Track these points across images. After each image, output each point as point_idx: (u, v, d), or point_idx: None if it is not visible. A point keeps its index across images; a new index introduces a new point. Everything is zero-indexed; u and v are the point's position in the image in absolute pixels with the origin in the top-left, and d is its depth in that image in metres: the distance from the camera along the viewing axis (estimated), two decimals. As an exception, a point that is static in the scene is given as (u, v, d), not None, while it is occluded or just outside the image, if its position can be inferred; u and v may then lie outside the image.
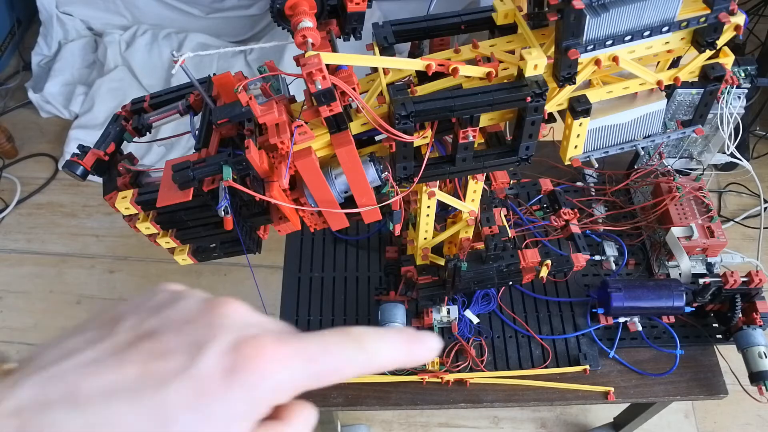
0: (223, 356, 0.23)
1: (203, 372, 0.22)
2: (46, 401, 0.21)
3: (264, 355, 0.23)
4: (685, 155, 1.05)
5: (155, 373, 0.22)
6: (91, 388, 0.22)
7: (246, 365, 0.23)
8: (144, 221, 0.60)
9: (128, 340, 0.23)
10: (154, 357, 0.23)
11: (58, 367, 0.22)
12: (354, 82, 0.52)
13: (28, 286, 1.68)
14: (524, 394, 0.88)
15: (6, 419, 0.21)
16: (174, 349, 0.23)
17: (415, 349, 0.27)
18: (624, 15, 0.50)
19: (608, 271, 0.98)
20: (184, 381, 0.22)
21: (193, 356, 0.23)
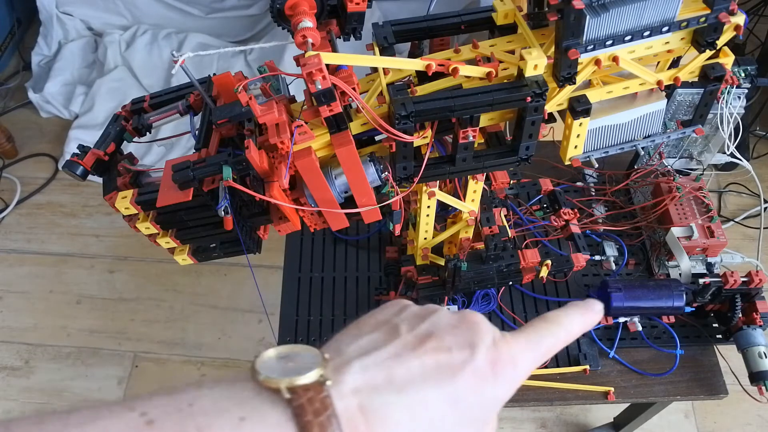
0: (488, 352, 0.30)
1: (479, 364, 0.29)
2: (374, 385, 0.27)
3: (513, 350, 0.31)
4: (685, 155, 1.05)
5: (447, 365, 0.28)
6: (404, 375, 0.27)
7: (504, 358, 0.30)
8: (144, 221, 0.60)
9: (415, 339, 0.30)
10: (441, 352, 0.29)
11: (371, 359, 0.28)
12: (354, 82, 0.52)
13: (28, 286, 1.68)
14: (524, 394, 0.88)
15: (349, 396, 0.26)
16: (454, 347, 0.29)
17: (589, 316, 0.35)
18: (624, 15, 0.50)
19: (608, 271, 0.98)
20: (468, 370, 0.29)
21: (471, 352, 0.29)
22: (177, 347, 1.56)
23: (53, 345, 1.58)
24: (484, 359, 0.29)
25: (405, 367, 0.28)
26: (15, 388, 1.52)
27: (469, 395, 0.28)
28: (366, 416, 0.26)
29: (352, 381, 0.27)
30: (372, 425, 0.25)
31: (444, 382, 0.28)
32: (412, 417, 0.27)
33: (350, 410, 0.25)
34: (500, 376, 0.29)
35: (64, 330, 1.60)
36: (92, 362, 1.56)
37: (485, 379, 0.29)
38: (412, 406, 0.27)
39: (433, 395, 0.27)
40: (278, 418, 0.24)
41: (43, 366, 1.55)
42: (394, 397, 0.27)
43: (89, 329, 1.60)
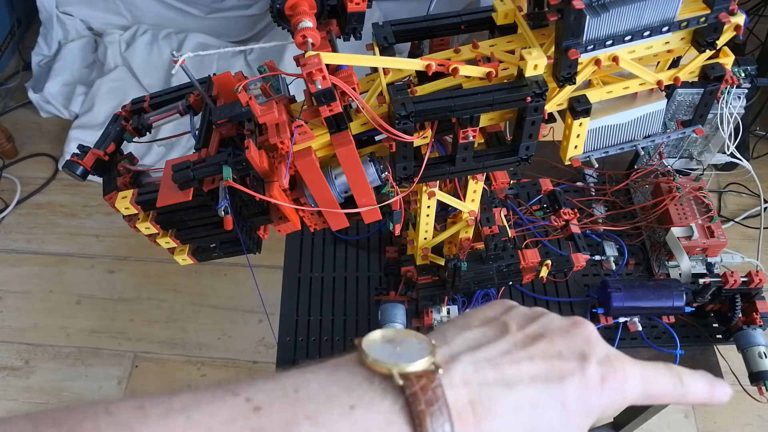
0: (600, 366, 0.30)
1: (589, 376, 0.29)
2: (485, 379, 0.27)
3: (625, 371, 0.31)
4: (685, 155, 1.05)
5: (557, 370, 0.29)
6: (515, 373, 0.28)
7: (615, 376, 0.30)
8: (144, 221, 0.60)
9: (525, 338, 0.30)
10: (553, 357, 0.30)
11: (481, 353, 0.28)
12: (354, 82, 0.52)
13: (28, 286, 1.68)
14: (524, 394, 0.88)
15: (459, 387, 0.26)
16: (565, 354, 0.30)
17: (716, 393, 0.34)
18: (624, 15, 0.50)
19: (608, 271, 0.98)
20: (577, 380, 0.29)
21: (583, 363, 0.30)
22: (177, 347, 1.56)
23: (53, 345, 1.58)
24: (595, 371, 0.30)
25: (515, 365, 0.28)
26: (15, 388, 1.52)
27: (575, 402, 0.29)
28: (474, 409, 0.26)
29: (462, 373, 0.27)
30: (480, 419, 0.26)
31: (553, 385, 0.28)
32: (518, 414, 0.27)
33: (460, 402, 0.25)
34: (607, 390, 0.30)
35: (64, 330, 1.60)
36: (92, 362, 1.56)
37: (593, 389, 0.29)
38: (521, 404, 0.27)
39: (543, 396, 0.28)
40: (390, 407, 0.24)
41: (43, 366, 1.55)
42: (503, 393, 0.27)
43: (89, 329, 1.60)
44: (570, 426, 0.29)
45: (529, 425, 0.27)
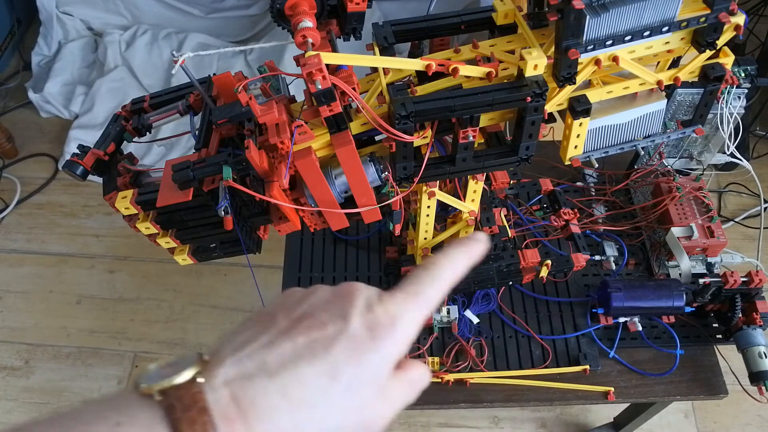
0: (363, 317, 0.29)
1: (354, 332, 0.29)
2: (246, 374, 0.27)
3: (390, 310, 0.30)
4: (685, 155, 1.05)
5: (320, 339, 0.28)
6: (276, 360, 0.28)
7: (380, 322, 0.30)
8: (144, 221, 0.60)
9: (289, 323, 0.30)
10: (314, 329, 0.29)
11: (245, 351, 0.28)
12: (354, 82, 0.52)
13: (28, 286, 1.68)
14: (524, 394, 0.88)
15: (221, 389, 0.26)
16: (327, 321, 0.29)
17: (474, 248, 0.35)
18: (624, 15, 0.50)
19: (608, 271, 0.98)
20: (342, 341, 0.28)
21: (344, 322, 0.29)
22: (177, 347, 1.56)
23: (53, 345, 1.58)
24: (358, 326, 0.29)
25: (277, 352, 0.28)
26: (15, 388, 1.52)
27: (350, 365, 0.28)
28: (238, 404, 0.26)
29: (223, 374, 0.27)
30: (245, 412, 0.26)
31: (317, 358, 0.28)
32: (288, 397, 0.27)
33: (222, 402, 0.26)
34: (380, 339, 0.29)
35: (64, 330, 1.60)
36: (92, 362, 1.55)
37: (363, 345, 0.29)
38: (286, 387, 0.27)
39: (308, 372, 0.27)
40: (150, 419, 0.25)
41: (43, 366, 1.55)
42: (266, 382, 0.27)
43: (89, 329, 1.60)
44: (356, 392, 0.28)
45: (305, 405, 0.27)
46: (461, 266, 0.34)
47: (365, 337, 0.29)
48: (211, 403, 0.26)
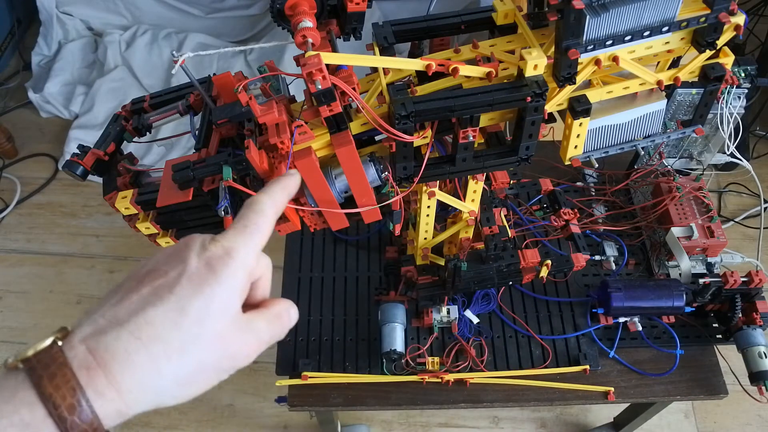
0: (200, 257, 0.33)
1: (192, 270, 0.32)
2: (99, 329, 0.30)
3: (224, 244, 0.34)
4: (685, 155, 1.05)
5: (163, 284, 0.32)
6: (125, 311, 0.31)
7: (217, 253, 0.33)
8: (144, 221, 0.60)
9: (135, 282, 0.32)
10: (157, 278, 0.32)
11: (98, 312, 0.31)
12: (354, 82, 0.52)
13: (28, 286, 1.68)
14: (524, 394, 0.88)
15: (78, 346, 0.29)
16: (168, 269, 0.33)
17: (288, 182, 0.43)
18: (624, 15, 0.50)
19: (608, 271, 0.98)
20: (184, 280, 0.32)
21: (183, 264, 0.32)
22: (177, 347, 1.56)
23: (53, 345, 1.58)
24: (196, 264, 0.32)
25: (125, 305, 0.31)
26: (15, 388, 1.52)
27: (195, 299, 0.31)
28: (95, 355, 0.29)
29: (79, 333, 0.30)
30: (102, 360, 0.29)
31: (163, 299, 0.31)
32: (141, 338, 0.30)
33: (80, 355, 0.29)
34: (219, 270, 0.32)
35: (64, 330, 1.60)
36: (92, 362, 1.56)
37: (204, 279, 0.32)
38: (138, 330, 0.30)
39: (155, 312, 0.30)
40: (15, 382, 0.28)
41: (43, 366, 1.55)
42: (117, 331, 0.30)
43: (89, 329, 1.60)
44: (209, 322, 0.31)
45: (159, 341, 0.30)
46: (280, 198, 0.40)
47: (205, 272, 0.32)
48: (69, 358, 0.29)
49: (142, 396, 0.30)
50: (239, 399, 1.46)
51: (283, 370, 0.90)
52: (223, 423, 1.43)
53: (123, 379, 0.29)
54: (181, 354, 0.30)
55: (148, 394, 0.30)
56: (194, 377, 0.32)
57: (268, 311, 0.36)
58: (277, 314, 0.36)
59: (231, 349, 0.33)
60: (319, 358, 0.91)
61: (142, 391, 0.30)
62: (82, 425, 0.28)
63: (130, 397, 0.29)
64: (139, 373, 0.29)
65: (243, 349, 0.33)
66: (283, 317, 0.36)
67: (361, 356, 0.91)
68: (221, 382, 0.34)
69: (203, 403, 1.45)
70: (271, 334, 0.35)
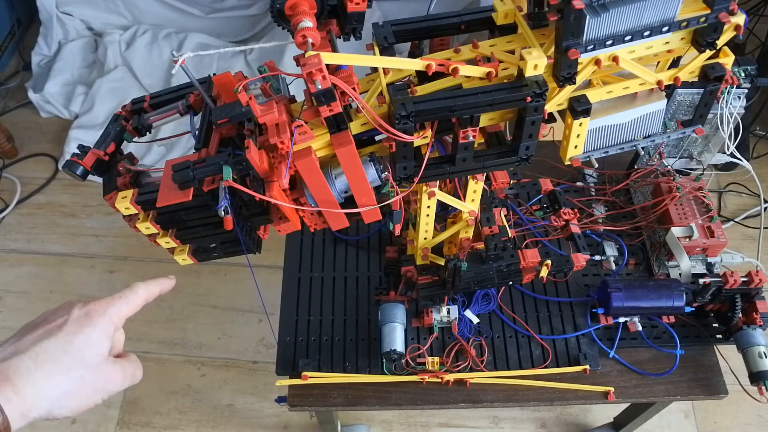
0: (80, 309, 0.47)
1: (75, 317, 0.47)
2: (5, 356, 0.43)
3: (99, 302, 0.49)
4: (685, 155, 1.05)
5: (54, 326, 0.46)
6: (25, 345, 0.44)
7: (95, 309, 0.48)
8: (144, 221, 0.60)
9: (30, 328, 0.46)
10: (48, 323, 0.46)
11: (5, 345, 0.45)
12: (354, 82, 0.52)
13: (28, 286, 1.68)
14: (524, 394, 0.88)
15: None
16: (57, 318, 0.47)
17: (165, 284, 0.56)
18: (624, 15, 0.50)
19: (608, 271, 0.98)
20: (70, 322, 0.46)
21: (68, 313, 0.47)
22: (177, 347, 1.56)
23: (53, 345, 1.58)
24: (79, 313, 0.47)
25: (24, 341, 0.44)
26: (15, 388, 1.52)
27: (78, 335, 0.45)
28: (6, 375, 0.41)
29: None
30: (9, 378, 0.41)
31: (54, 334, 0.45)
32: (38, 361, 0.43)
33: None
34: (95, 319, 0.47)
35: (64, 330, 1.60)
36: (92, 362, 1.55)
37: (83, 324, 0.46)
38: (35, 355, 0.43)
39: (48, 343, 0.44)
40: None
41: (43, 366, 1.55)
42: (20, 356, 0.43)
43: (89, 329, 1.60)
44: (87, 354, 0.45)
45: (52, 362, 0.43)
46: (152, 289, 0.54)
47: (84, 319, 0.46)
48: None
49: (40, 402, 0.42)
50: (239, 399, 1.46)
51: (283, 370, 0.90)
52: (223, 423, 1.43)
53: (24, 388, 0.41)
54: (68, 371, 0.44)
55: (43, 400, 0.42)
56: (77, 391, 0.44)
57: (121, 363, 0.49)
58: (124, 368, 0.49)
59: (104, 375, 0.46)
60: (319, 358, 0.91)
61: (39, 397, 0.42)
62: None
63: (30, 402, 0.41)
64: (36, 384, 0.42)
65: (113, 378, 0.47)
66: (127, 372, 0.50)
67: (361, 356, 0.91)
68: (220, 382, 0.35)
69: (203, 403, 1.45)
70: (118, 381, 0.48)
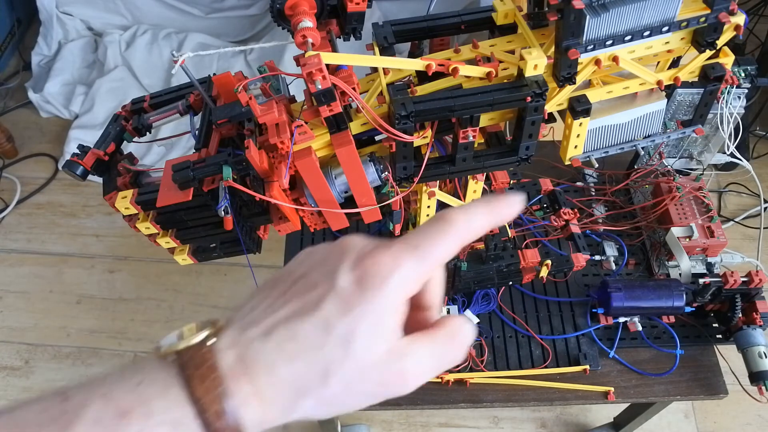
0: (352, 272, 0.29)
1: (340, 288, 0.29)
2: (248, 336, 0.29)
3: (380, 261, 0.29)
4: (685, 155, 1.05)
5: (310, 300, 0.30)
6: (272, 322, 0.29)
7: (370, 272, 0.29)
8: (144, 221, 0.60)
9: (286, 287, 0.31)
10: (306, 290, 0.30)
11: (249, 317, 0.30)
12: (354, 82, 0.52)
13: (28, 286, 1.68)
14: (524, 394, 0.88)
15: (227, 350, 0.29)
16: (318, 280, 0.30)
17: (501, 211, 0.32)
18: (624, 15, 0.50)
19: (608, 271, 0.98)
20: (331, 298, 0.29)
21: (331, 280, 0.30)
22: (177, 347, 1.56)
23: (53, 345, 1.58)
24: (346, 281, 0.29)
25: (273, 315, 0.30)
26: (15, 388, 1.52)
27: (339, 318, 0.29)
28: (243, 362, 0.29)
29: (231, 337, 0.30)
30: (249, 370, 0.28)
31: (308, 315, 0.29)
32: (284, 352, 0.29)
33: (228, 360, 0.29)
34: (369, 291, 0.29)
35: (64, 330, 1.60)
36: (92, 362, 1.55)
37: (351, 299, 0.29)
38: (281, 344, 0.29)
39: (300, 328, 0.29)
40: (166, 377, 0.28)
41: (43, 366, 1.55)
42: (263, 342, 0.29)
43: (89, 329, 1.60)
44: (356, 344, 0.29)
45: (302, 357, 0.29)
46: (479, 226, 0.31)
47: (354, 292, 0.29)
48: (219, 361, 0.28)
49: (285, 409, 0.29)
50: (239, 399, 1.46)
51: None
52: (223, 423, 1.43)
53: (267, 391, 0.28)
54: (324, 377, 0.29)
55: (290, 408, 0.29)
56: (340, 398, 0.30)
57: (435, 333, 0.31)
58: (448, 334, 0.31)
59: (382, 376, 0.29)
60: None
61: (284, 404, 0.29)
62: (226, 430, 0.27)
63: (273, 409, 0.29)
64: (282, 388, 0.29)
65: (397, 377, 0.30)
66: (456, 337, 0.31)
67: (361, 356, 0.91)
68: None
69: (203, 403, 1.45)
70: (440, 360, 0.31)
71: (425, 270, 0.30)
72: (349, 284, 0.29)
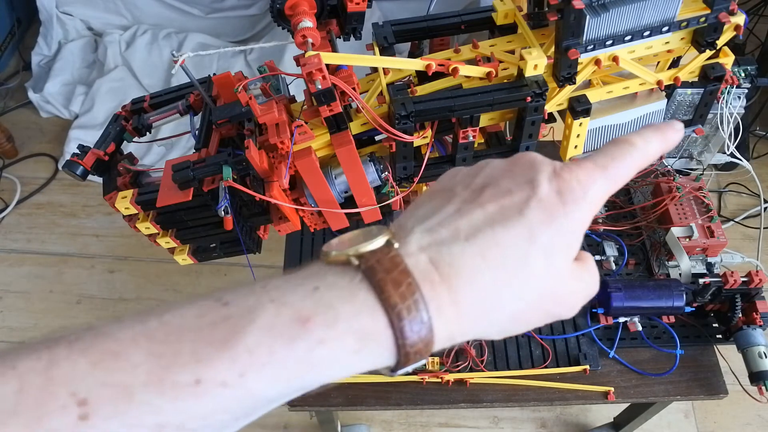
0: (551, 183, 0.28)
1: (543, 196, 0.28)
2: (440, 240, 0.27)
3: (579, 175, 0.29)
4: (685, 155, 1.05)
5: (510, 205, 0.28)
6: (469, 225, 0.27)
7: (570, 185, 0.28)
8: (144, 221, 0.60)
9: (472, 193, 0.29)
10: (501, 196, 0.28)
11: (433, 220, 0.28)
12: (354, 82, 0.52)
13: (28, 286, 1.68)
14: (524, 394, 0.88)
15: (417, 254, 0.26)
16: (513, 188, 0.28)
17: (669, 134, 0.33)
18: (624, 15, 0.50)
19: (608, 271, 0.98)
20: (534, 205, 0.27)
21: (532, 187, 0.28)
22: (177, 347, 1.56)
23: (53, 345, 1.58)
24: (547, 190, 0.28)
25: (467, 219, 0.27)
26: (15, 388, 1.52)
27: (543, 228, 0.27)
28: (438, 268, 0.26)
29: (417, 240, 0.27)
30: (446, 275, 0.26)
31: (511, 221, 0.27)
32: (487, 259, 0.26)
33: (421, 265, 0.26)
34: (570, 204, 0.28)
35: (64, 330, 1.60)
36: (92, 362, 1.55)
37: (554, 208, 0.28)
38: (484, 249, 0.26)
39: (504, 235, 0.27)
40: (350, 282, 0.25)
41: (43, 366, 1.55)
42: (462, 246, 0.26)
43: (89, 329, 1.60)
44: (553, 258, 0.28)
45: (505, 267, 0.27)
46: (654, 149, 0.32)
47: (556, 202, 0.28)
48: (410, 266, 0.25)
49: (476, 322, 0.27)
50: (239, 399, 1.46)
51: (283, 370, 0.90)
52: (223, 423, 1.43)
53: (464, 299, 0.26)
54: (524, 286, 0.27)
55: (481, 321, 0.27)
56: (526, 314, 0.28)
57: (587, 262, 0.31)
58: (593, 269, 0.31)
59: (562, 292, 0.28)
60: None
61: (478, 316, 0.26)
62: (418, 343, 0.25)
63: (466, 320, 0.26)
64: (480, 297, 0.26)
65: (571, 297, 0.29)
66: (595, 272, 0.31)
67: (361, 356, 0.91)
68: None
69: (203, 403, 1.45)
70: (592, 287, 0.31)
71: (611, 190, 0.30)
72: (550, 193, 0.28)
